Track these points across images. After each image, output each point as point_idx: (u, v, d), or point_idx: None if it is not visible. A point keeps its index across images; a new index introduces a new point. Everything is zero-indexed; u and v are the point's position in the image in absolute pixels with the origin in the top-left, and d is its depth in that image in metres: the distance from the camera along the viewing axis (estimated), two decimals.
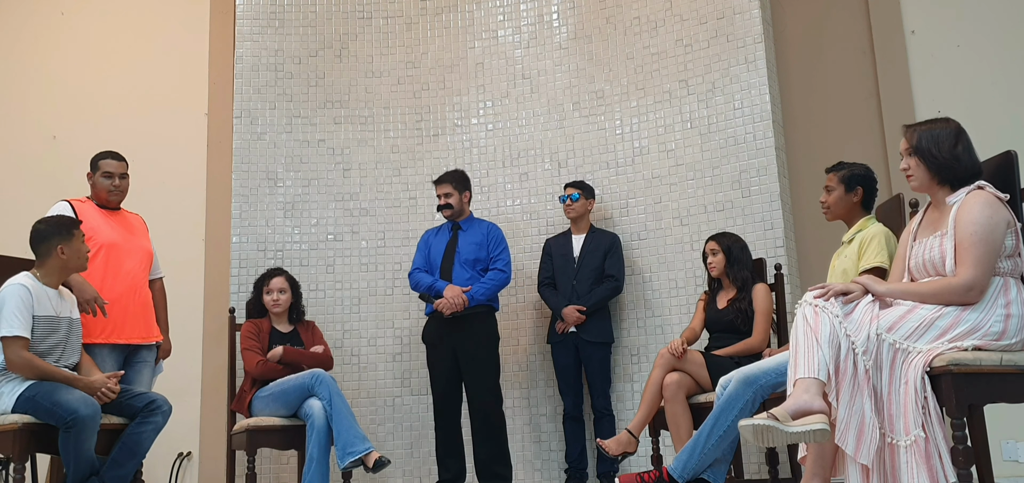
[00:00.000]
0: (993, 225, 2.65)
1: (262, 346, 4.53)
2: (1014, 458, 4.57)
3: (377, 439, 5.17)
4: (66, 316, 3.69)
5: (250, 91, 5.51)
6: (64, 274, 3.71)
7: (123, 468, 3.61)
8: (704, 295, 4.48)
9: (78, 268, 3.72)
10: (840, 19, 5.33)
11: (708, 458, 3.40)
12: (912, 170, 2.86)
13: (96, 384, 3.60)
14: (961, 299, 2.65)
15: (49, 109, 5.86)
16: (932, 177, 2.82)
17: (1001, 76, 4.97)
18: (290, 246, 5.39)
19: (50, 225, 3.67)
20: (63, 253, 3.63)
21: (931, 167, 2.81)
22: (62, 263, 3.65)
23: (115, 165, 4.19)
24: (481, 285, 4.78)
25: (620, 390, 5.12)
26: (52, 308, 3.63)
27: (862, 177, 3.76)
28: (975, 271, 2.63)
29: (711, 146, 5.09)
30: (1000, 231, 2.66)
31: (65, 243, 3.63)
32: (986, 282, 2.65)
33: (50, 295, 3.64)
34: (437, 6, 5.74)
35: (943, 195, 2.82)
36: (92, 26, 5.99)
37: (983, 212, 2.66)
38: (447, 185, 4.92)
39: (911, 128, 2.89)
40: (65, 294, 3.76)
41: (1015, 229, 2.71)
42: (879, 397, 2.61)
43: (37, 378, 3.52)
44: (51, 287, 3.67)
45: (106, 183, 4.16)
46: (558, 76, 5.56)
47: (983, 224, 2.65)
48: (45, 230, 3.66)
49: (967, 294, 2.65)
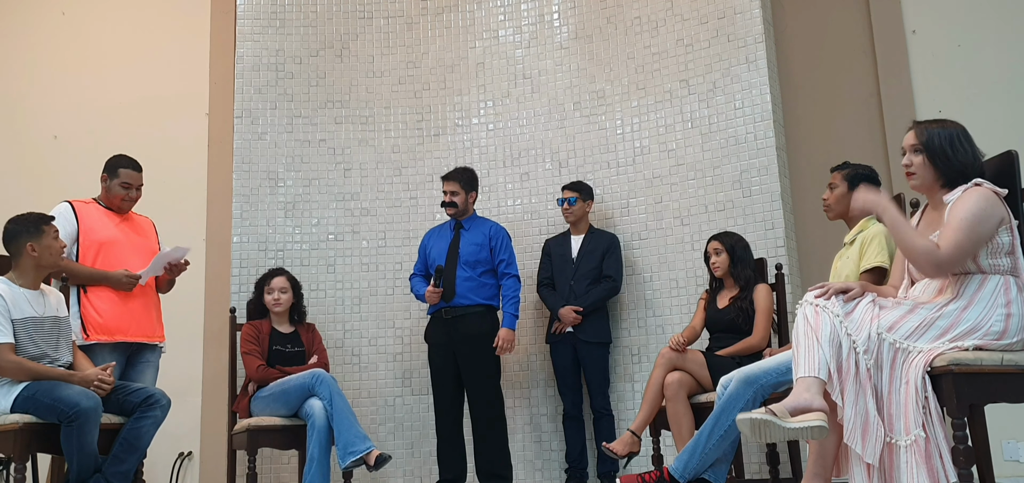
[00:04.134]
0: (984, 217, 2.64)
1: (262, 349, 4.53)
2: (1015, 458, 4.57)
3: (378, 439, 5.17)
4: (51, 315, 3.65)
5: (251, 91, 5.51)
6: (40, 272, 3.67)
7: (124, 464, 3.60)
8: (705, 294, 4.48)
9: (51, 264, 3.67)
10: (841, 19, 5.33)
11: (709, 458, 3.40)
12: (916, 168, 2.83)
13: (90, 377, 3.58)
14: (927, 267, 2.68)
15: (50, 109, 5.87)
16: (936, 177, 2.81)
17: (1001, 76, 4.97)
18: (291, 246, 5.39)
19: (19, 223, 3.62)
20: (34, 250, 3.59)
21: (938, 166, 2.79)
22: (35, 261, 3.60)
23: (134, 176, 4.19)
24: (508, 304, 4.82)
25: (620, 390, 5.12)
26: (32, 309, 3.59)
27: (865, 177, 3.75)
28: (950, 251, 2.63)
29: (712, 146, 5.09)
30: (990, 224, 2.65)
31: (34, 240, 3.59)
32: (954, 267, 2.66)
33: (29, 296, 3.60)
34: (438, 6, 5.75)
35: (941, 195, 2.82)
36: (93, 26, 6.00)
37: (978, 203, 2.66)
38: (455, 183, 4.92)
39: (921, 125, 2.87)
40: (48, 293, 3.72)
41: (1011, 226, 2.71)
42: (879, 396, 2.61)
43: (30, 380, 3.50)
44: (29, 287, 3.62)
45: (122, 192, 4.17)
46: (559, 76, 5.56)
47: (975, 213, 2.64)
48: (14, 229, 3.62)
49: (935, 267, 2.66)
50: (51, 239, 3.64)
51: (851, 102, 5.22)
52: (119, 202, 4.18)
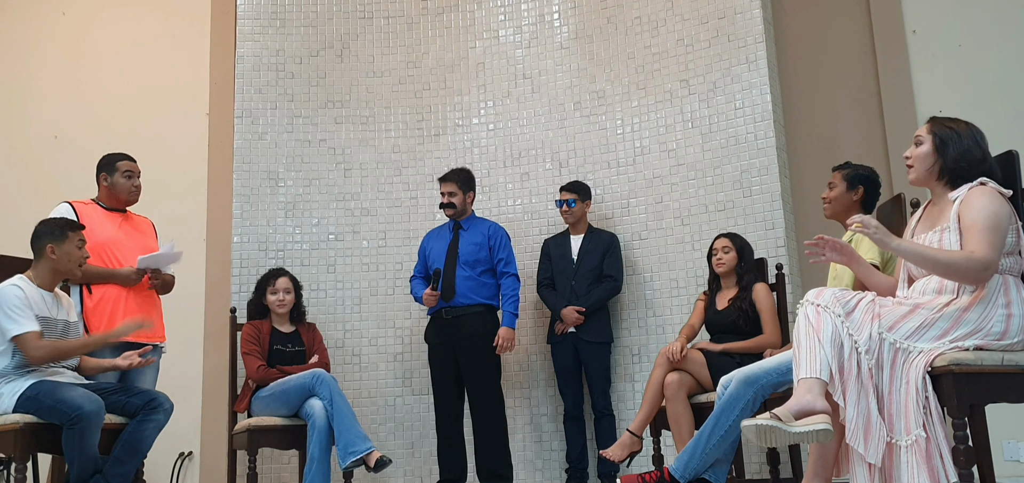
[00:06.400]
0: (1001, 215, 2.65)
1: (262, 349, 4.53)
2: (1015, 458, 4.57)
3: (378, 439, 5.17)
4: (62, 319, 3.67)
5: (251, 91, 5.51)
6: (56, 276, 3.69)
7: (125, 466, 3.60)
8: (703, 295, 4.48)
9: (68, 271, 3.69)
10: (841, 19, 5.33)
11: (709, 458, 3.39)
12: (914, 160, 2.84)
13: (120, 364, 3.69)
14: (974, 277, 2.60)
15: (50, 109, 5.87)
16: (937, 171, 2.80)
17: (1002, 76, 4.97)
18: (291, 246, 5.39)
19: (47, 225, 3.68)
20: (53, 253, 3.61)
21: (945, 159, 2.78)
22: (52, 264, 3.63)
23: (133, 165, 4.23)
24: (508, 303, 4.82)
25: (621, 390, 5.12)
26: (46, 310, 3.61)
27: (865, 177, 3.78)
28: (991, 252, 2.60)
29: (712, 146, 5.09)
30: (1006, 222, 2.66)
31: (56, 243, 3.62)
32: (998, 266, 2.63)
33: (44, 297, 3.63)
34: (438, 6, 5.75)
35: (943, 190, 2.82)
36: (93, 26, 6.00)
37: (993, 202, 2.67)
38: (452, 183, 4.92)
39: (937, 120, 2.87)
40: (61, 298, 3.74)
41: (1016, 227, 2.71)
42: (880, 396, 2.61)
43: (64, 357, 3.57)
44: (45, 288, 3.65)
45: (127, 183, 4.19)
46: (559, 76, 5.56)
47: (995, 212, 2.64)
48: (40, 230, 3.67)
49: (982, 273, 2.59)
50: (73, 246, 3.66)
51: (851, 102, 5.22)
52: (127, 194, 4.19)
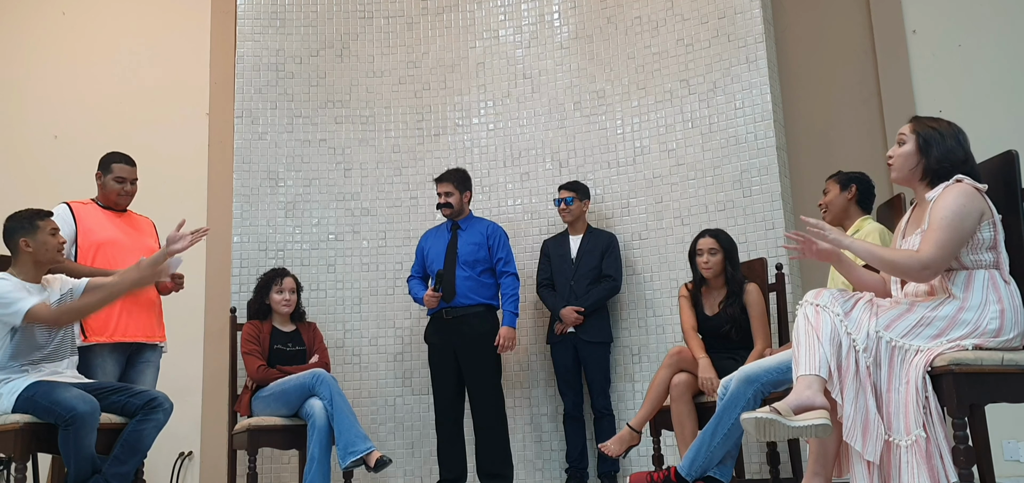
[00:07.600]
0: (965, 213, 2.65)
1: (262, 349, 4.53)
2: (1015, 458, 4.57)
3: (378, 439, 5.17)
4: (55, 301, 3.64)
5: (251, 91, 5.52)
6: (39, 268, 3.66)
7: (124, 465, 3.59)
8: (685, 288, 4.31)
9: (48, 260, 3.65)
10: (841, 19, 5.33)
11: (715, 456, 3.45)
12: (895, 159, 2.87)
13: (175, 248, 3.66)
14: (915, 275, 2.70)
15: (50, 109, 5.87)
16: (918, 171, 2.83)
17: (1002, 76, 4.97)
18: (291, 246, 5.39)
19: (15, 220, 3.64)
20: (28, 246, 3.59)
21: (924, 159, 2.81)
22: (31, 256, 3.61)
23: (127, 170, 4.20)
24: (508, 302, 4.82)
25: (620, 390, 5.12)
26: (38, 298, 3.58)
27: (857, 177, 3.96)
28: (935, 252, 2.64)
29: (712, 146, 5.09)
30: (971, 220, 2.66)
31: (28, 236, 3.59)
32: (942, 266, 2.67)
33: (31, 290, 3.59)
34: (438, 6, 5.75)
35: (923, 191, 2.84)
36: (93, 26, 6.00)
37: (957, 200, 2.67)
38: (448, 184, 4.92)
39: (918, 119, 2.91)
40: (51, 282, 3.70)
41: (993, 221, 2.71)
42: (879, 395, 2.62)
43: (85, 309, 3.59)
44: (31, 282, 3.63)
45: (117, 187, 4.17)
46: (559, 76, 5.56)
47: (955, 211, 2.65)
48: (9, 226, 3.64)
49: (921, 273, 2.67)
50: (47, 235, 3.62)
51: (851, 102, 5.23)
52: (115, 198, 4.18)
